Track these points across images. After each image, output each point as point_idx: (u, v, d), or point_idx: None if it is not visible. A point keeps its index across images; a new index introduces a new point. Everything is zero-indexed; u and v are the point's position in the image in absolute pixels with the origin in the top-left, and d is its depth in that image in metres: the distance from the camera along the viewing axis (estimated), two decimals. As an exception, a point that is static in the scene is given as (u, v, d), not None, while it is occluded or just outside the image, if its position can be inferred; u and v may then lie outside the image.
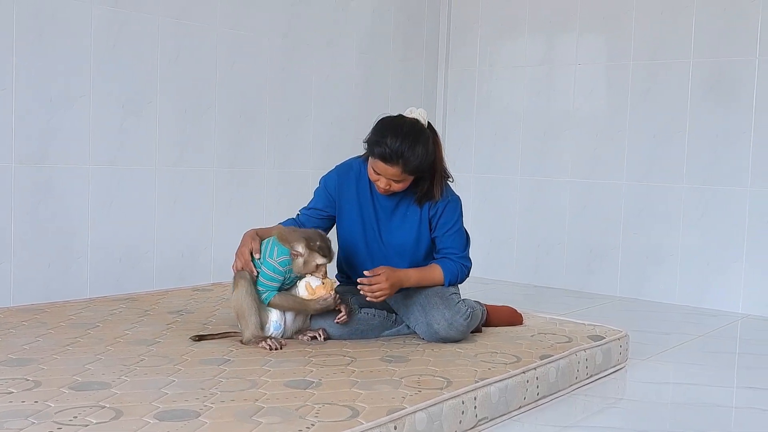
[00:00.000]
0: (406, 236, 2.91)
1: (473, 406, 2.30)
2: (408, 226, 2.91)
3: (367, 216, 2.92)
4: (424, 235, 2.91)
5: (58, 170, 3.52)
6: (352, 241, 2.96)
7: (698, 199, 4.58)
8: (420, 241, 2.92)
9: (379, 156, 2.71)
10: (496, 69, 5.36)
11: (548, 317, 3.44)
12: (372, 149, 2.75)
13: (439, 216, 2.90)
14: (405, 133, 2.72)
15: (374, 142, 2.74)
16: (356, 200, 2.93)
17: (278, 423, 1.93)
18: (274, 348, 2.62)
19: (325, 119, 4.74)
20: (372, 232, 2.93)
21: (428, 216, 2.90)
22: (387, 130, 2.73)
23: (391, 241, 2.92)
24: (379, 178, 2.77)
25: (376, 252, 2.94)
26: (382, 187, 2.79)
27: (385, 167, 2.72)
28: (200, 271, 4.11)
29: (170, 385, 2.21)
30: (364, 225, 2.93)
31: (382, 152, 2.70)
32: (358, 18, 4.92)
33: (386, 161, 2.71)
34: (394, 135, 2.70)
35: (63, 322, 2.94)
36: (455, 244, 2.93)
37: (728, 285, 4.50)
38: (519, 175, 5.23)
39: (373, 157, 2.75)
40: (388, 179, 2.76)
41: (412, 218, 2.90)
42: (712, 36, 4.52)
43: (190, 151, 4.04)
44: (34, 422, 1.88)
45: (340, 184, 2.94)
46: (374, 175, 2.78)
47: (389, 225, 2.92)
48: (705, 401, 2.80)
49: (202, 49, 4.06)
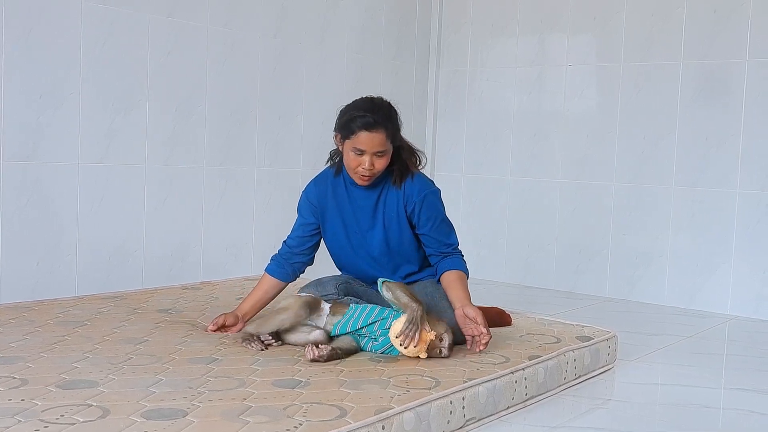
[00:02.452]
0: (388, 233, 2.91)
1: (461, 406, 2.30)
2: (388, 223, 2.91)
3: (348, 220, 2.93)
4: (405, 228, 2.91)
5: (47, 168, 3.50)
6: (339, 247, 2.99)
7: (688, 201, 4.60)
8: (402, 236, 2.91)
9: (362, 125, 2.73)
10: (487, 69, 5.36)
11: (537, 318, 3.44)
12: (350, 125, 2.75)
13: (419, 210, 2.88)
14: (375, 102, 2.81)
15: (352, 117, 2.76)
16: (335, 206, 2.94)
17: (266, 422, 1.93)
18: (258, 349, 2.61)
19: (316, 118, 4.73)
20: (355, 235, 2.94)
21: (405, 213, 2.89)
22: (361, 106, 2.79)
23: (375, 240, 2.92)
24: (362, 160, 2.76)
25: (362, 254, 2.95)
26: (366, 169, 2.77)
27: (370, 136, 2.73)
28: (189, 270, 4.10)
29: (158, 384, 2.20)
30: (347, 229, 2.94)
31: (365, 121, 2.72)
32: (350, 17, 4.92)
33: (370, 128, 2.72)
34: (369, 106, 2.78)
35: (51, 320, 2.93)
36: (447, 238, 2.93)
37: (717, 286, 4.52)
38: (509, 176, 5.24)
39: (352, 133, 2.75)
40: (372, 155, 2.75)
41: (390, 213, 2.90)
42: (702, 37, 4.53)
43: (179, 150, 4.03)
44: (21, 420, 1.87)
45: (318, 192, 2.96)
46: (356, 159, 2.77)
47: (370, 225, 2.92)
48: (693, 402, 2.80)
49: (192, 48, 4.05)
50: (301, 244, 2.99)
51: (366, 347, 2.65)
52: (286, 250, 3.01)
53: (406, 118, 2.93)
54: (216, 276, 4.20)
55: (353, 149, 2.77)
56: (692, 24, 4.57)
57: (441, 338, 2.61)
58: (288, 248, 3.00)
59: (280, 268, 2.97)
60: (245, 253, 4.40)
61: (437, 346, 2.60)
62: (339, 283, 2.92)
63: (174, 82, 3.98)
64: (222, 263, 4.27)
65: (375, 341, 2.63)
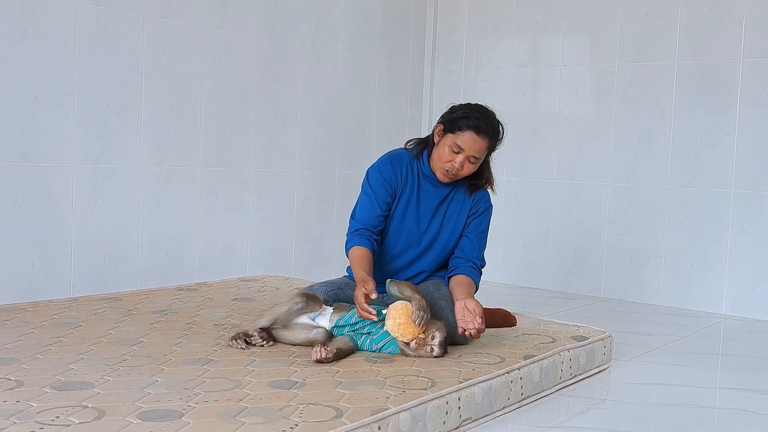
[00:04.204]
0: (441, 234, 2.99)
1: (457, 406, 2.30)
2: (446, 225, 2.99)
3: (410, 211, 2.97)
4: (456, 234, 3.00)
5: (41, 169, 3.49)
6: (393, 231, 2.99)
7: (683, 201, 4.60)
8: (451, 239, 3.00)
9: (473, 128, 2.80)
10: (482, 70, 5.36)
11: (533, 318, 3.45)
12: (460, 122, 2.82)
13: (478, 215, 3.00)
14: (491, 114, 2.89)
15: (464, 116, 2.83)
16: (402, 191, 2.97)
17: (262, 423, 1.93)
18: (238, 347, 2.62)
19: (311, 119, 4.73)
20: (411, 224, 2.97)
21: (468, 213, 2.98)
22: (476, 109, 2.87)
23: (427, 238, 2.98)
24: (456, 158, 2.82)
25: (412, 246, 3.00)
26: (455, 167, 2.83)
27: (475, 139, 2.80)
28: (185, 271, 4.10)
29: (153, 385, 2.20)
30: (404, 219, 2.97)
31: (477, 124, 2.80)
32: (345, 18, 4.92)
33: (479, 132, 2.80)
34: (485, 114, 2.86)
35: (46, 322, 2.92)
36: (479, 250, 3.02)
37: (712, 286, 4.52)
38: (504, 176, 5.24)
39: (459, 130, 2.81)
40: (467, 156, 2.82)
41: (450, 216, 2.98)
42: (697, 38, 4.54)
43: (174, 150, 4.03)
44: (16, 422, 1.87)
45: (394, 172, 2.97)
46: (450, 155, 2.83)
47: (427, 222, 2.98)
48: (688, 402, 2.81)
49: (187, 48, 4.04)
50: (380, 224, 2.93)
51: (363, 345, 2.66)
52: (364, 229, 2.90)
53: (401, 119, 2.95)
54: (211, 277, 4.19)
55: (453, 144, 2.83)
56: (687, 24, 4.58)
57: (433, 336, 2.61)
58: (367, 229, 2.91)
59: (367, 241, 2.88)
60: (240, 254, 4.39)
61: (428, 344, 2.61)
62: (329, 290, 2.93)
63: (168, 83, 3.97)
64: (217, 264, 4.27)
65: (373, 335, 2.64)
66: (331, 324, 2.68)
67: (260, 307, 3.29)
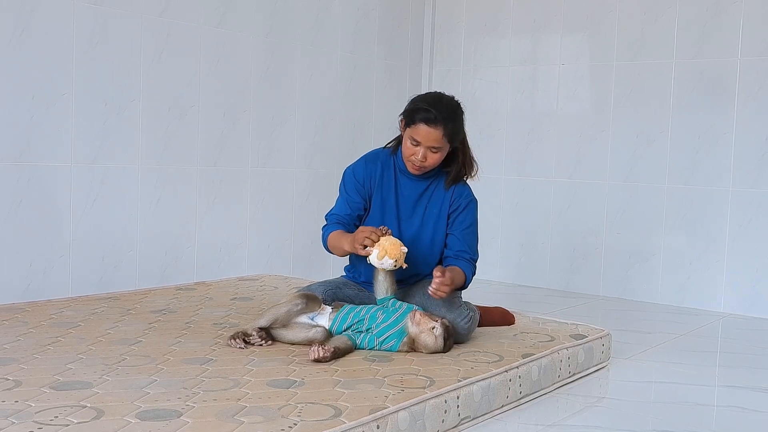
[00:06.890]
0: (424, 229, 2.97)
1: (456, 405, 2.30)
2: (427, 219, 2.97)
3: (389, 206, 2.97)
4: (440, 229, 2.97)
5: (39, 168, 3.49)
6: None
7: (681, 199, 4.61)
8: (435, 235, 2.97)
9: (422, 119, 2.79)
10: (480, 69, 5.37)
11: (531, 316, 3.45)
12: (413, 116, 2.83)
13: (460, 212, 2.97)
14: (446, 102, 2.87)
15: (415, 109, 2.83)
16: (379, 189, 2.97)
17: (260, 422, 1.93)
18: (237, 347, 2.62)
19: (309, 118, 4.73)
20: (391, 220, 2.96)
21: (448, 210, 2.96)
22: (428, 99, 2.87)
23: (408, 230, 2.96)
24: (416, 150, 2.83)
25: None
26: (418, 159, 2.84)
27: (428, 131, 2.79)
28: (183, 270, 4.10)
29: (152, 385, 2.20)
30: (384, 214, 2.97)
31: (425, 116, 2.79)
32: (343, 17, 4.92)
33: (429, 123, 2.79)
34: (436, 101, 2.85)
35: (44, 322, 2.92)
36: (470, 245, 2.99)
37: (710, 284, 4.53)
38: (503, 175, 5.24)
39: (413, 124, 2.82)
40: (426, 148, 2.81)
41: (431, 211, 2.97)
42: (695, 36, 4.54)
43: (173, 150, 4.02)
44: (15, 422, 1.87)
45: (367, 172, 2.98)
46: (411, 148, 2.84)
47: (409, 215, 2.97)
48: (686, 400, 2.81)
49: (185, 48, 4.04)
50: (351, 221, 2.97)
51: (363, 343, 2.66)
52: (335, 219, 2.97)
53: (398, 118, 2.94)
54: (210, 276, 4.19)
55: (411, 138, 2.84)
56: (685, 23, 4.58)
57: (434, 328, 2.64)
58: (338, 217, 2.97)
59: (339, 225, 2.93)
60: (239, 253, 4.39)
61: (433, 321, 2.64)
62: (327, 289, 2.93)
63: (167, 82, 3.97)
64: (216, 263, 4.27)
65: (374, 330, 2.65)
66: (330, 322, 2.69)
67: (259, 307, 3.30)
